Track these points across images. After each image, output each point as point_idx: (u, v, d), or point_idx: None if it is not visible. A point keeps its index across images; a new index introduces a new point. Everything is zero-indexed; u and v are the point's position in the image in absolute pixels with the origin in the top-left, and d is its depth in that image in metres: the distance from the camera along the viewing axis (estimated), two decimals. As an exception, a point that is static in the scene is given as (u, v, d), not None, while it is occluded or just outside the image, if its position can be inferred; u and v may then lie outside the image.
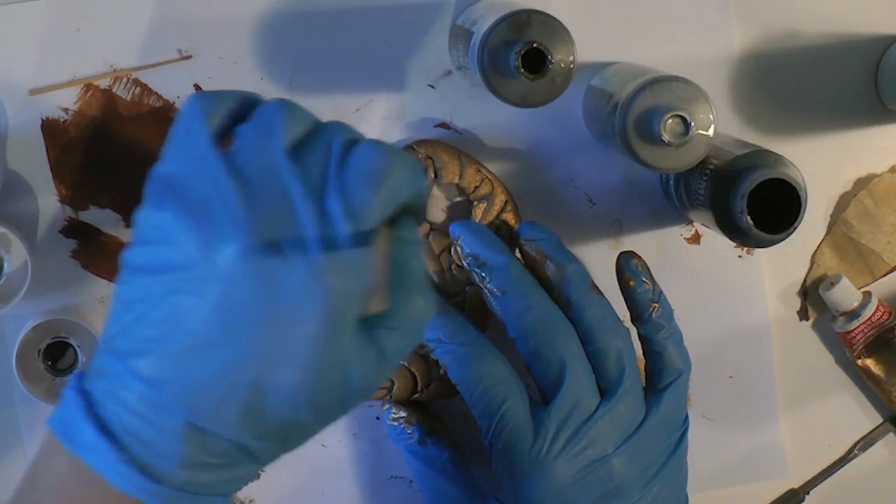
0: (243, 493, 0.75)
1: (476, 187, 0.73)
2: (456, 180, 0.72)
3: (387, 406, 0.73)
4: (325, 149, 0.49)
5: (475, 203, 0.73)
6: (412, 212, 0.51)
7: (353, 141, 0.49)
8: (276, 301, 0.47)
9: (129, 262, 0.49)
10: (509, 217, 0.73)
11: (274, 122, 0.49)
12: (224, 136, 0.49)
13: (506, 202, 0.73)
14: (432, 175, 0.72)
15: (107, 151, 0.72)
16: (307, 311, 0.47)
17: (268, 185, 0.47)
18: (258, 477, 0.74)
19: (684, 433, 0.70)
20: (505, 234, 0.72)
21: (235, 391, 0.47)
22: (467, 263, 0.69)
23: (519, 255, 0.70)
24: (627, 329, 0.68)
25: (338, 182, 0.48)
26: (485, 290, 0.68)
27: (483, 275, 0.68)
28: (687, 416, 0.70)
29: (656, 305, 0.69)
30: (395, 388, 0.73)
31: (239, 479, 0.50)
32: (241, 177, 0.47)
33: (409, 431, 0.72)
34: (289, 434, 0.50)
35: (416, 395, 0.73)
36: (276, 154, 0.48)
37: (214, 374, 0.47)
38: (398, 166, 0.49)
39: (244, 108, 0.50)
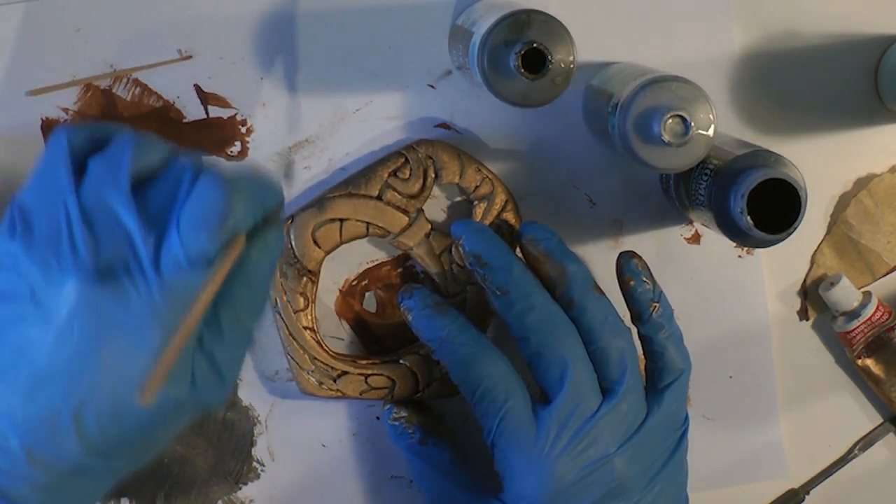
0: (243, 493, 0.75)
1: (476, 187, 0.73)
2: (456, 180, 0.72)
3: (388, 406, 0.73)
4: (170, 184, 0.50)
5: (475, 203, 0.73)
6: (269, 221, 0.53)
7: (198, 175, 0.50)
8: (113, 335, 0.48)
9: None
10: (510, 216, 0.73)
11: (121, 156, 0.50)
12: (82, 168, 0.50)
13: (506, 201, 0.73)
14: (433, 175, 0.72)
15: (107, 151, 0.72)
16: (141, 344, 0.48)
17: (111, 220, 0.49)
18: (258, 477, 0.74)
19: (684, 433, 0.70)
20: (506, 234, 0.72)
21: (74, 416, 0.49)
22: (469, 263, 0.69)
23: (520, 254, 0.70)
24: (629, 329, 0.68)
25: (176, 218, 0.49)
26: (486, 290, 0.68)
27: (485, 274, 0.68)
28: (687, 416, 0.70)
29: (657, 305, 0.69)
30: (396, 387, 0.73)
31: (96, 494, 0.52)
32: (87, 211, 0.49)
33: (410, 431, 0.72)
34: (133, 450, 0.51)
35: (418, 395, 0.73)
36: (119, 189, 0.49)
37: (54, 404, 0.49)
38: (238, 200, 0.50)
39: (104, 140, 0.51)
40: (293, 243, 0.72)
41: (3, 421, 0.49)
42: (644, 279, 0.69)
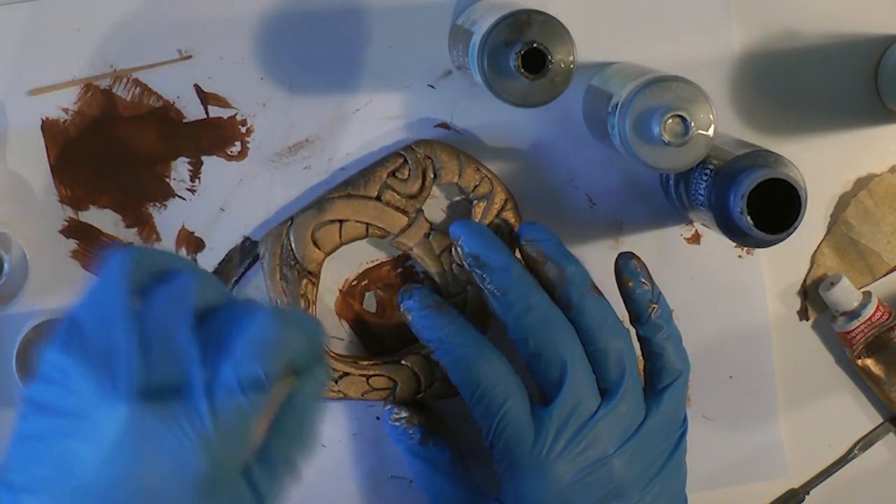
0: (243, 493, 0.75)
1: (475, 186, 0.73)
2: (455, 179, 0.72)
3: (388, 406, 0.73)
4: (226, 319, 0.52)
5: (475, 202, 0.73)
6: (318, 359, 0.54)
7: (255, 313, 0.52)
8: (159, 458, 0.49)
9: (30, 397, 0.51)
10: (509, 216, 0.73)
11: (188, 290, 0.52)
12: (141, 291, 0.52)
13: (505, 201, 0.73)
14: (432, 175, 0.72)
15: (107, 151, 0.72)
16: (186, 468, 0.49)
17: (168, 350, 0.50)
18: None
19: (683, 434, 0.70)
20: (505, 233, 0.72)
21: None
22: (468, 264, 0.69)
23: (519, 255, 0.70)
24: (628, 330, 0.68)
25: (232, 353, 0.50)
26: (485, 291, 0.68)
27: (483, 275, 0.68)
28: (686, 417, 0.70)
29: (655, 306, 0.69)
30: (398, 388, 0.73)
31: None
32: (145, 338, 0.50)
33: (410, 432, 0.72)
34: None
35: (420, 396, 0.73)
36: (182, 323, 0.51)
37: None
38: (292, 334, 0.52)
39: (165, 268, 0.53)
40: (293, 245, 0.72)
41: None
42: (643, 280, 0.69)
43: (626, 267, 0.69)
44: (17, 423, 0.51)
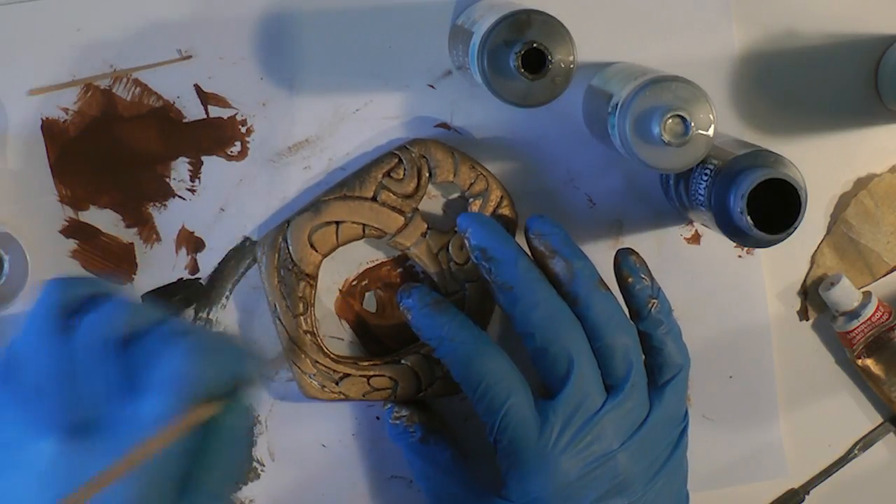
0: (243, 494, 0.75)
1: (471, 184, 0.73)
2: (451, 178, 0.72)
3: (388, 405, 0.73)
4: (151, 347, 0.52)
5: (471, 200, 0.73)
6: (242, 386, 0.55)
7: (176, 345, 0.52)
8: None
9: None
10: (506, 212, 0.73)
11: (110, 321, 0.52)
12: (70, 322, 0.53)
13: (501, 198, 0.73)
14: (427, 174, 0.72)
15: (107, 151, 0.72)
16: (114, 495, 0.50)
17: (93, 383, 0.51)
18: (258, 477, 0.74)
19: (685, 429, 0.70)
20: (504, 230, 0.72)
21: None
22: (474, 257, 0.68)
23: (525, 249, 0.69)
24: (634, 326, 0.68)
25: (151, 386, 0.51)
26: (491, 285, 0.68)
27: (490, 269, 0.68)
28: (687, 412, 0.70)
29: (655, 302, 0.69)
30: (399, 388, 0.73)
31: None
32: (71, 372, 0.51)
33: (411, 430, 0.72)
34: None
35: (420, 395, 0.73)
36: (105, 356, 0.51)
37: None
38: (209, 370, 0.52)
39: (94, 296, 0.53)
40: (290, 248, 0.72)
41: None
42: (642, 276, 0.69)
43: (626, 262, 0.69)
44: None
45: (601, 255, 0.74)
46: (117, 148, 0.72)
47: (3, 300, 0.70)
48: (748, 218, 0.63)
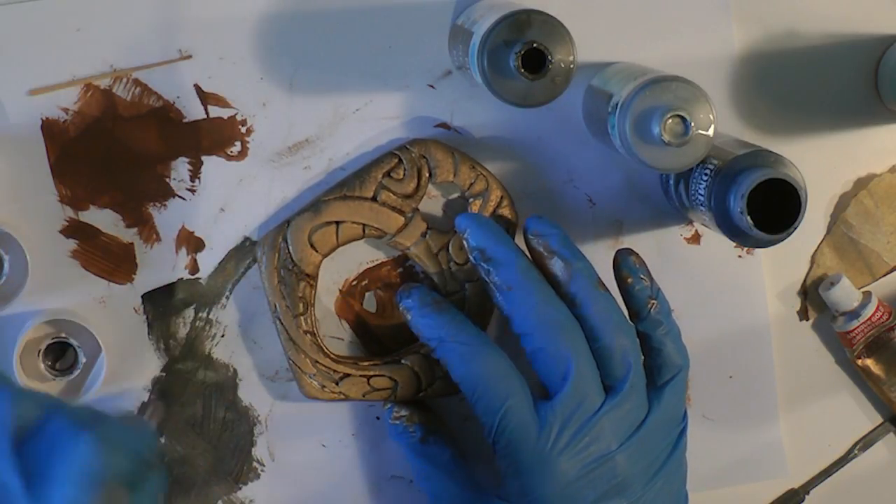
0: (243, 494, 0.75)
1: (471, 184, 0.73)
2: (451, 178, 0.72)
3: (388, 405, 0.73)
4: (49, 438, 0.52)
5: (471, 200, 0.73)
6: (150, 469, 0.55)
7: (77, 437, 0.52)
8: None
9: None
10: (506, 212, 0.73)
11: (3, 415, 0.52)
12: None
13: (501, 198, 0.73)
14: (427, 174, 0.72)
15: (107, 151, 0.72)
16: None
17: None
18: (258, 477, 0.74)
19: (684, 429, 0.70)
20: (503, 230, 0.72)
21: None
22: (473, 257, 0.68)
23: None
24: (633, 327, 0.68)
25: (54, 481, 0.51)
26: (490, 285, 0.68)
27: (489, 269, 0.68)
28: (686, 413, 0.70)
29: (654, 302, 0.69)
30: (399, 388, 0.73)
31: None
32: None
33: (411, 430, 0.72)
34: None
35: (420, 395, 0.73)
36: (2, 455, 0.51)
37: None
38: (114, 460, 0.53)
39: None
40: (290, 248, 0.72)
41: None
42: (641, 276, 0.69)
43: (625, 263, 0.69)
44: None
45: (601, 255, 0.74)
46: (117, 148, 0.72)
47: (3, 300, 0.70)
48: (748, 218, 0.63)
